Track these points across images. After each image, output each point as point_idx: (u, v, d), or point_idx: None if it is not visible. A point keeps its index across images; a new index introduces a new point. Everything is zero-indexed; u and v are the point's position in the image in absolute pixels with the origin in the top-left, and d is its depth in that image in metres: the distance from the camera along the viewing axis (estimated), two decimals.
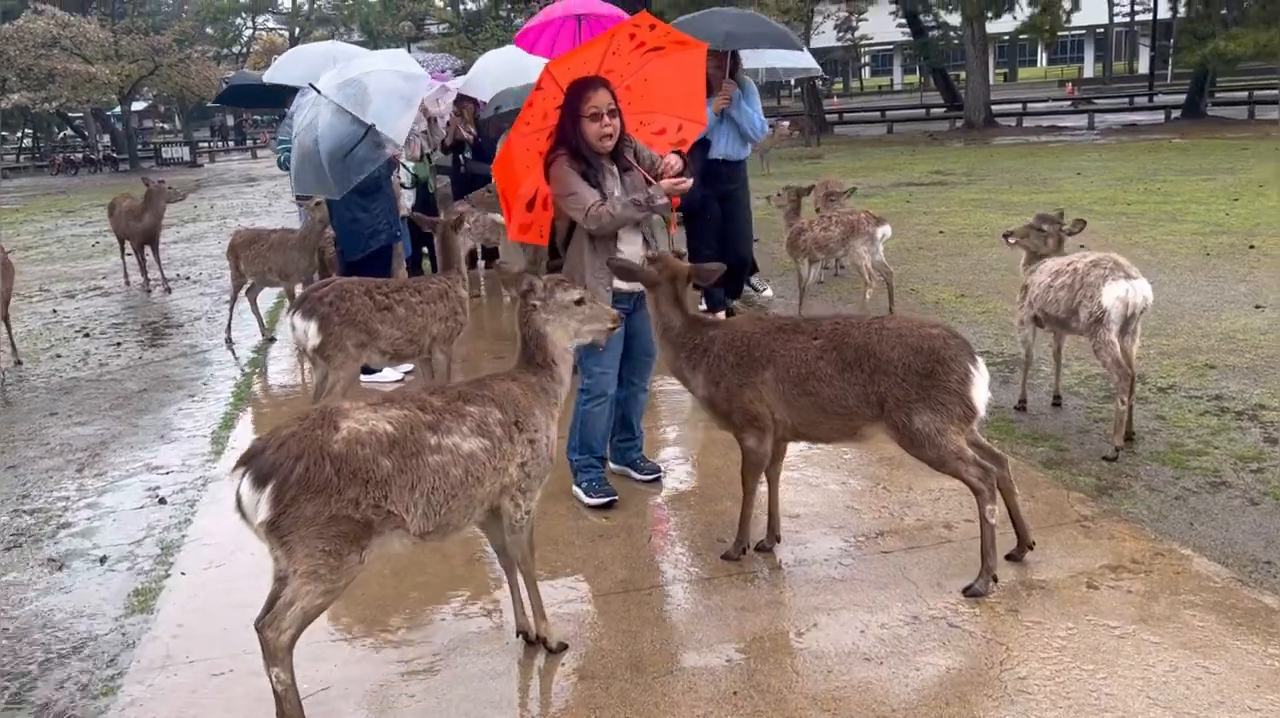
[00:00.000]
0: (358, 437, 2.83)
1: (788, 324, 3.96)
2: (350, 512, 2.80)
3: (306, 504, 2.74)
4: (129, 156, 41.02)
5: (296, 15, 50.87)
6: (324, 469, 2.75)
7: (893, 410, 3.62)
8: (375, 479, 2.83)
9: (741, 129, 7.08)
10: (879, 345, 3.64)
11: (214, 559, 4.32)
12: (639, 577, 3.98)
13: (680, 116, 4.94)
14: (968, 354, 3.61)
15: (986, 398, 3.61)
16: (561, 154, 4.34)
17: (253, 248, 8.06)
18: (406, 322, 5.37)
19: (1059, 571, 3.82)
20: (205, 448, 5.87)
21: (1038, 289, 5.24)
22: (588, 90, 4.28)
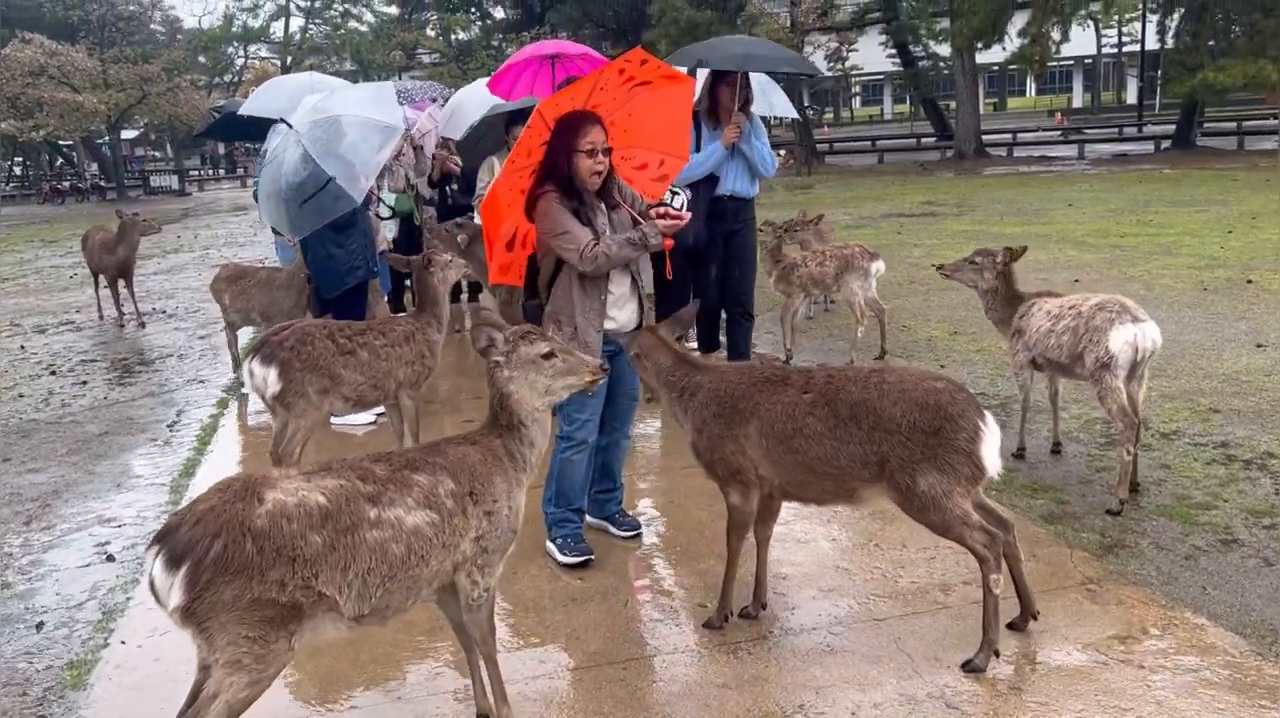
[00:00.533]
0: (284, 510, 2.56)
1: (776, 375, 3.69)
2: (275, 594, 2.51)
3: (225, 587, 2.46)
4: (117, 185, 40.80)
5: (288, 45, 50.79)
6: (244, 547, 2.48)
7: (895, 472, 3.34)
8: (303, 557, 2.55)
9: (752, 165, 6.51)
10: (879, 401, 3.37)
11: (158, 626, 3.99)
12: (614, 648, 3.69)
13: (662, 151, 4.74)
14: (976, 410, 3.35)
15: (997, 458, 3.34)
16: (550, 190, 4.11)
17: (238, 284, 7.72)
18: (370, 366, 5.09)
19: (1065, 642, 3.54)
20: (163, 498, 5.57)
21: (1035, 332, 5.01)
22: (584, 125, 4.07)
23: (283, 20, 51.11)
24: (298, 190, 6.10)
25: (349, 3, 50.65)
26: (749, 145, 6.33)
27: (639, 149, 4.62)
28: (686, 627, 3.82)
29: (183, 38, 49.70)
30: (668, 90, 4.45)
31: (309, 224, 6.24)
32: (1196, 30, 28.07)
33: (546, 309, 4.31)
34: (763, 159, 6.53)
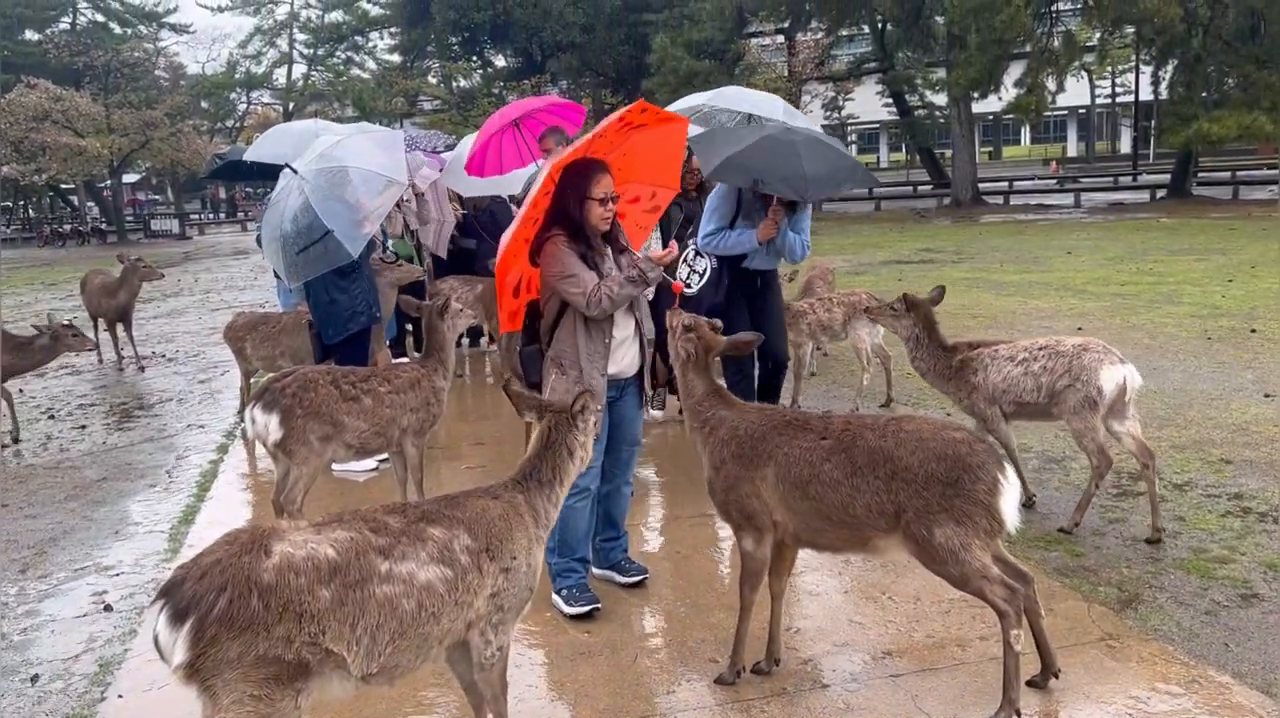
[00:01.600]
0: (291, 563, 2.48)
1: (796, 419, 3.64)
2: (281, 651, 2.43)
3: (230, 644, 2.39)
4: (118, 229, 40.96)
5: (290, 91, 51.36)
6: (250, 603, 2.40)
7: (912, 522, 3.28)
8: (310, 613, 2.47)
9: (783, 251, 6.07)
10: (897, 450, 3.32)
11: (156, 680, 3.90)
12: (623, 704, 3.60)
13: (654, 184, 4.78)
14: (996, 462, 3.29)
15: (1016, 510, 3.28)
16: (558, 234, 4.12)
17: (259, 330, 7.57)
18: (374, 413, 5.02)
19: (1086, 700, 3.46)
20: (161, 546, 5.48)
21: (1004, 378, 5.10)
22: (596, 173, 4.10)
23: (285, 67, 51.76)
24: (295, 238, 6.10)
25: (351, 50, 51.31)
26: (782, 238, 5.93)
27: (631, 184, 4.64)
28: (698, 682, 3.73)
29: (186, 83, 50.23)
30: (662, 129, 4.50)
31: (306, 272, 6.24)
32: (1190, 81, 28.42)
33: (549, 354, 4.28)
34: (792, 250, 6.04)
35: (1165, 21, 25.86)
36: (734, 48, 33.89)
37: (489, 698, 2.98)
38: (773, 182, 5.50)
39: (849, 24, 36.04)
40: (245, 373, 7.81)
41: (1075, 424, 4.91)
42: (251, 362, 7.64)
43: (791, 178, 5.49)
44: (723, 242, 5.93)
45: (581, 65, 40.55)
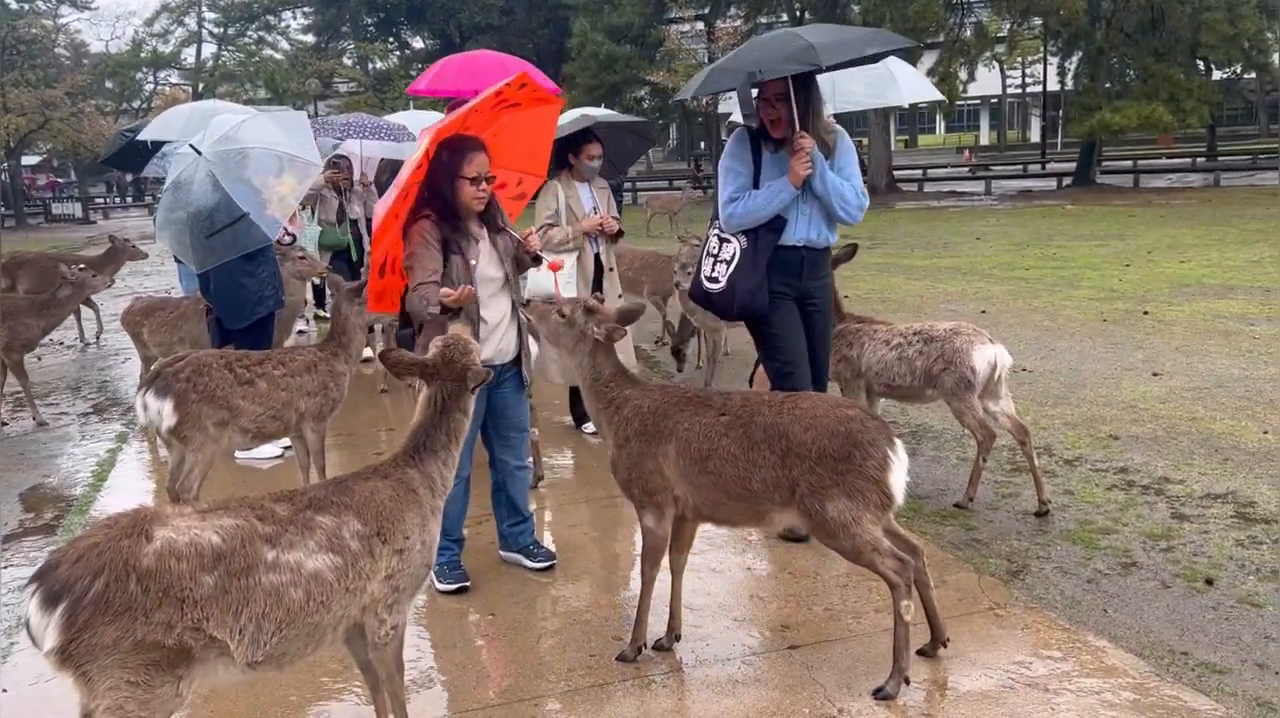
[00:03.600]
0: (174, 549, 2.44)
1: (698, 397, 3.70)
2: (161, 637, 2.39)
3: (106, 628, 2.33)
4: (16, 213, 39.33)
5: (200, 71, 49.74)
6: (128, 587, 2.35)
7: (805, 497, 3.36)
8: (192, 599, 2.42)
9: (829, 206, 4.61)
10: (791, 426, 3.40)
11: (43, 673, 3.76)
12: (524, 685, 3.62)
13: (521, 170, 4.75)
14: (886, 438, 3.38)
15: (904, 485, 3.38)
16: (427, 216, 4.06)
17: (156, 316, 7.43)
18: (269, 397, 4.92)
19: (973, 667, 3.58)
20: (52, 539, 5.31)
21: (878, 361, 5.28)
22: (470, 151, 4.03)
23: (194, 46, 50.08)
24: (207, 220, 5.92)
25: (263, 30, 49.90)
26: (823, 180, 4.55)
27: (498, 169, 4.60)
28: (600, 661, 3.76)
29: (89, 62, 48.35)
30: (534, 112, 4.47)
31: (217, 257, 6.05)
32: (1094, 73, 29.37)
33: (419, 339, 4.21)
34: (842, 198, 4.59)
35: (1070, 14, 26.68)
36: (654, 33, 33.91)
37: (384, 677, 2.97)
38: (773, 64, 4.34)
39: (767, 11, 36.30)
40: (145, 359, 7.60)
41: (954, 404, 5.11)
42: (150, 347, 7.44)
43: (795, 53, 4.34)
44: (747, 206, 4.56)
45: (501, 48, 40.07)
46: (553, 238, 5.94)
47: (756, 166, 4.61)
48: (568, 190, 6.10)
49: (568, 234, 6.03)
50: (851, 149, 4.78)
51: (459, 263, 4.08)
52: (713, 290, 4.72)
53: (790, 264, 4.66)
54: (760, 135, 4.62)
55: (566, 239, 6.03)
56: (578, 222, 6.07)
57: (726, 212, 4.60)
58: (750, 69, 4.31)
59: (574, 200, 6.11)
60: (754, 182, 4.59)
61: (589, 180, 6.21)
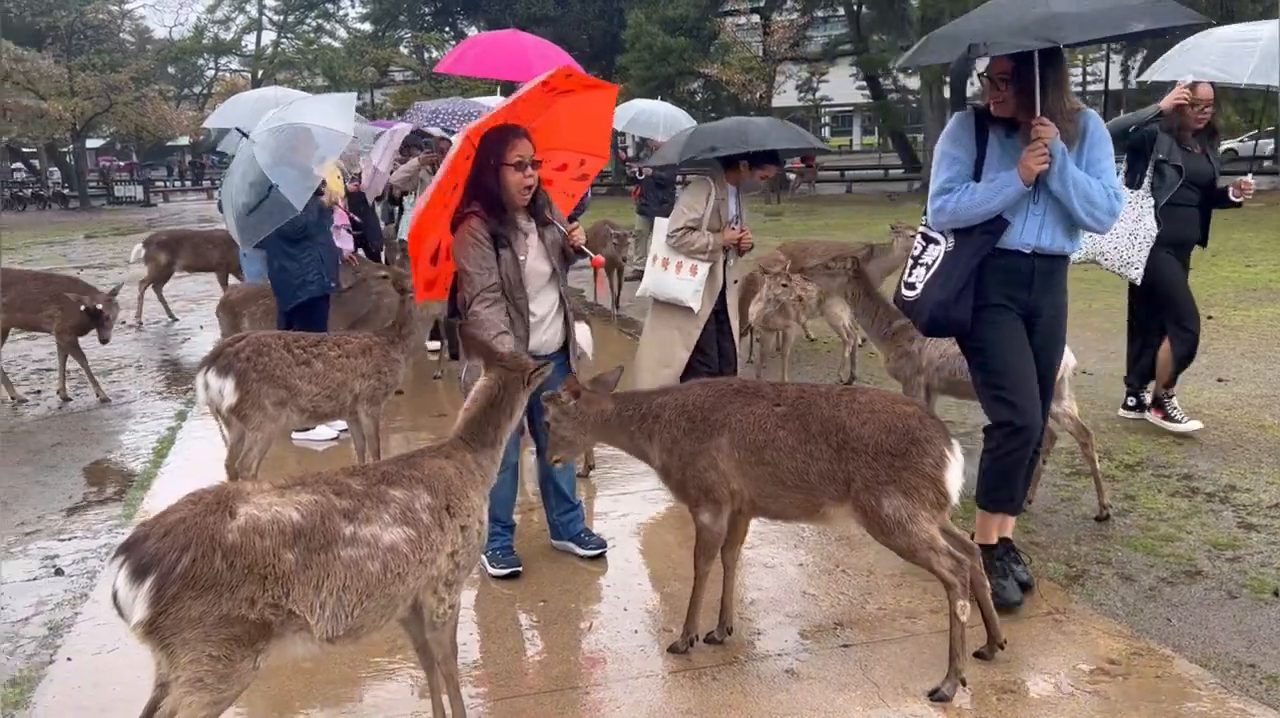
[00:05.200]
0: (257, 525, 2.46)
1: (747, 387, 3.67)
2: (244, 612, 2.42)
3: (192, 603, 2.36)
4: (80, 194, 40.23)
5: (260, 58, 50.52)
6: (214, 563, 2.38)
7: (860, 492, 3.32)
8: (275, 575, 2.46)
9: (1070, 209, 3.74)
10: (849, 420, 3.36)
11: (106, 643, 3.88)
12: (577, 672, 3.62)
13: (583, 151, 4.71)
14: (943, 437, 3.34)
15: (961, 484, 3.33)
16: (474, 212, 4.06)
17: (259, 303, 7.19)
18: (325, 377, 4.99)
19: (1031, 672, 3.52)
20: (115, 511, 5.43)
21: (941, 355, 5.15)
22: (512, 138, 4.02)
23: (255, 34, 50.87)
24: (247, 198, 6.05)
25: (322, 18, 50.52)
26: (1063, 177, 3.68)
27: (558, 150, 4.59)
28: (652, 651, 3.76)
29: (152, 48, 49.25)
30: (590, 96, 4.45)
31: (255, 234, 6.19)
32: None
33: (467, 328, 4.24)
34: (1088, 199, 3.70)
35: None
36: (709, 26, 33.77)
37: (440, 658, 2.99)
38: (1000, 38, 3.49)
39: (824, 6, 36.00)
40: None
41: None
42: None
43: (1031, 23, 3.43)
44: (961, 201, 3.78)
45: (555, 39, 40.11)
46: (691, 243, 5.46)
47: (980, 152, 3.83)
48: (719, 194, 5.56)
49: (709, 243, 5.47)
50: (1105, 137, 3.83)
51: (508, 258, 4.08)
52: (906, 299, 4.01)
53: (1015, 274, 3.84)
54: (989, 115, 3.84)
55: (706, 248, 5.48)
56: (720, 228, 5.53)
57: (935, 204, 3.86)
58: (972, 39, 3.48)
59: (722, 206, 5.58)
60: (975, 171, 3.82)
61: (744, 190, 5.78)
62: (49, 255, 20.10)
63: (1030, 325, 3.92)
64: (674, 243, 5.49)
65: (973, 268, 3.81)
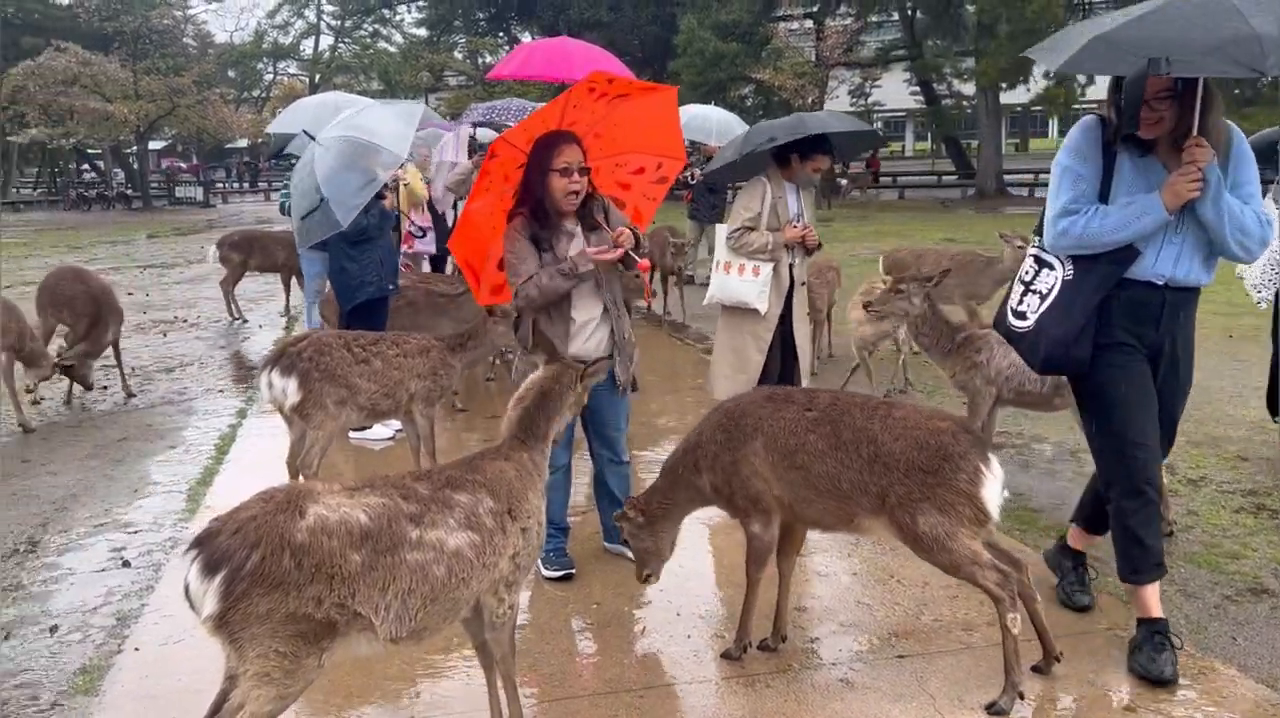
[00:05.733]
0: (325, 526, 2.51)
1: (778, 394, 3.71)
2: (310, 610, 2.47)
3: (260, 599, 2.42)
4: (142, 195, 41.18)
5: (317, 62, 51.40)
6: (283, 561, 2.44)
7: (895, 508, 3.32)
8: (342, 576, 2.50)
9: (1219, 240, 3.37)
10: (881, 433, 3.36)
11: (172, 634, 3.98)
12: (630, 675, 3.64)
13: (659, 154, 4.71)
14: (979, 452, 3.30)
15: (1000, 500, 3.30)
16: (520, 214, 4.12)
17: None
18: (383, 375, 5.08)
19: (1090, 687, 3.48)
20: (179, 505, 5.56)
21: (1010, 365, 5.02)
22: (559, 144, 4.06)
23: (313, 38, 51.76)
24: (303, 201, 6.14)
25: (379, 23, 51.25)
26: (1218, 205, 3.30)
27: (632, 154, 4.59)
28: (705, 657, 3.76)
29: (213, 52, 50.26)
30: (650, 98, 4.44)
31: (309, 237, 6.28)
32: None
33: (517, 333, 4.31)
34: (1241, 229, 3.33)
35: None
36: (761, 31, 33.67)
37: (499, 658, 3.03)
38: (1188, 55, 2.96)
39: (878, 10, 35.70)
40: None
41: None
42: None
43: (1227, 43, 2.93)
44: (1089, 227, 3.39)
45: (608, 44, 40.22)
46: (750, 243, 5.39)
47: (1107, 170, 3.44)
48: (775, 192, 5.46)
49: (768, 242, 5.37)
50: (1250, 156, 3.43)
51: (549, 261, 4.11)
52: (1016, 329, 3.65)
53: (1143, 308, 3.44)
54: (1118, 143, 3.43)
55: (765, 247, 5.39)
56: (780, 228, 5.43)
57: (1058, 228, 3.45)
58: (1155, 53, 2.94)
59: (780, 204, 5.47)
60: (1100, 191, 3.44)
61: (801, 185, 5.62)
62: (112, 254, 20.63)
63: (1155, 364, 3.55)
64: (733, 244, 5.45)
65: (1097, 301, 3.44)
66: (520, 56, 8.57)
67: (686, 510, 3.88)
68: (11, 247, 22.33)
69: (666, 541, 3.89)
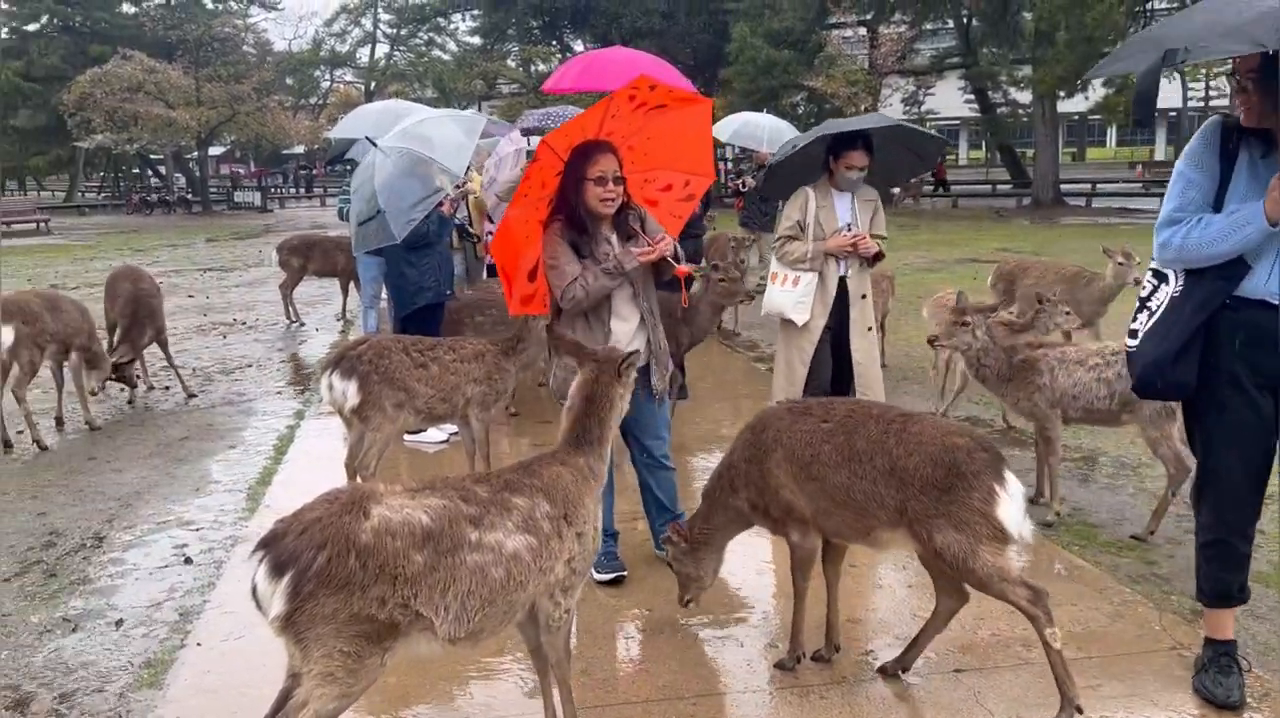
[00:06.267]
0: (389, 527, 2.54)
1: (798, 406, 3.72)
2: (374, 611, 2.50)
3: (326, 600, 2.45)
4: (202, 199, 42.08)
5: (373, 70, 52.21)
6: (348, 562, 2.46)
7: (914, 522, 3.30)
8: (405, 577, 2.53)
9: None
10: (895, 448, 3.34)
11: (233, 631, 4.06)
12: (683, 683, 3.64)
13: (687, 172, 4.69)
14: (993, 472, 3.24)
15: (1019, 520, 3.22)
16: (557, 221, 4.13)
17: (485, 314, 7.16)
18: (440, 379, 5.15)
19: (1154, 708, 3.41)
20: (239, 504, 5.67)
21: (1074, 384, 4.94)
22: (595, 153, 4.07)
23: (369, 46, 52.57)
24: (361, 208, 6.22)
25: (433, 31, 51.91)
26: None
27: (661, 170, 4.58)
28: (758, 666, 3.75)
29: (272, 59, 51.26)
30: (685, 112, 4.43)
31: (365, 244, 6.39)
32: None
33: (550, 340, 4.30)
34: None
35: None
36: (815, 38, 33.54)
37: (554, 662, 3.05)
38: (1209, 39, 2.85)
39: (933, 18, 35.41)
40: None
41: (1150, 432, 4.84)
42: None
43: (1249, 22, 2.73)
44: (1191, 237, 3.16)
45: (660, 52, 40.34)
46: (790, 253, 5.39)
47: (1225, 175, 3.18)
48: (820, 200, 5.40)
49: (806, 253, 5.35)
50: None
51: (589, 266, 4.11)
52: (1127, 347, 3.45)
53: (1255, 331, 3.14)
54: (1246, 131, 3.15)
55: (804, 257, 5.35)
56: (825, 237, 5.37)
57: (1160, 238, 3.26)
58: (1173, 44, 2.83)
59: (825, 213, 5.38)
60: (1215, 198, 3.18)
61: (851, 191, 5.46)
62: (173, 257, 21.09)
63: (1276, 394, 3.22)
64: (777, 254, 5.48)
65: (1200, 321, 3.18)
66: (577, 68, 8.56)
67: (729, 534, 3.88)
68: (77, 249, 22.96)
69: (709, 567, 3.88)
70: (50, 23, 46.14)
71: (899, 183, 7.89)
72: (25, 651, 3.99)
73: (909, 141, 5.82)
